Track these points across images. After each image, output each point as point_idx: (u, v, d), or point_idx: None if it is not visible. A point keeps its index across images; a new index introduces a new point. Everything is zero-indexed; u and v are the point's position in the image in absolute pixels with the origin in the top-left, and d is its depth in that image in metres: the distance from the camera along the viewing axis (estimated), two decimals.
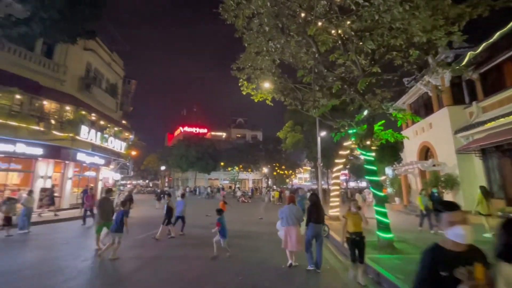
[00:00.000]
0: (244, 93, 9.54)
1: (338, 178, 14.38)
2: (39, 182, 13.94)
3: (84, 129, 15.22)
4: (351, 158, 25.05)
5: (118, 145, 19.60)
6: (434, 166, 13.66)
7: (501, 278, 1.67)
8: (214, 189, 37.48)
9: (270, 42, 7.81)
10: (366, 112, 7.78)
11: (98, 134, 16.79)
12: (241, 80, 9.16)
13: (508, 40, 9.79)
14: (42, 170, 14.16)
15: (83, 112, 15.37)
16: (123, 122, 23.64)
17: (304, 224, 6.07)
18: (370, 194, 12.95)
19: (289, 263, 5.94)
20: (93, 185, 18.60)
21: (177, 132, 61.38)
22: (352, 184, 48.84)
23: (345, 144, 12.71)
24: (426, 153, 15.77)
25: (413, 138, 16.28)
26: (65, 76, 15.25)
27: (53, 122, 13.66)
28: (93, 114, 16.37)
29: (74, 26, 10.10)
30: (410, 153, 17.36)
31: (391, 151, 22.15)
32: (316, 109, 8.96)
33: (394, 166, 19.07)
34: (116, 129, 19.43)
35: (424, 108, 15.83)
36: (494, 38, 10.01)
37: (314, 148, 20.91)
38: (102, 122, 17.55)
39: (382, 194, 7.45)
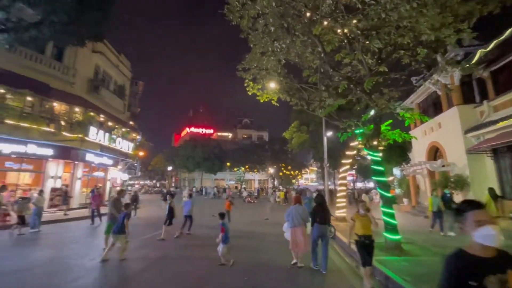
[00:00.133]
0: (249, 93, 9.55)
1: (345, 178, 14.24)
2: (50, 182, 14.28)
3: (92, 130, 15.48)
4: (358, 158, 24.77)
5: (126, 145, 19.85)
6: (444, 166, 13.40)
7: None
8: (221, 189, 37.66)
9: (276, 42, 7.80)
10: (373, 111, 7.69)
11: (106, 135, 17.05)
12: (246, 80, 9.18)
13: None
14: (53, 170, 14.50)
15: (92, 113, 15.64)
16: (131, 123, 23.97)
17: (310, 224, 6.05)
18: (377, 195, 12.78)
19: (293, 262, 5.96)
20: (101, 185, 18.93)
21: (183, 132, 61.89)
22: (359, 184, 48.29)
23: (351, 144, 12.60)
24: (435, 153, 15.48)
25: (421, 138, 16.01)
26: (74, 78, 15.55)
27: (62, 123, 13.93)
28: (101, 115, 16.64)
29: (83, 29, 10.28)
30: (418, 153, 17.07)
31: (399, 151, 21.82)
32: (322, 109, 8.91)
33: (402, 166, 18.79)
34: (124, 130, 19.69)
35: (433, 107, 15.56)
36: (505, 35, 9.78)
37: (321, 148, 20.76)
38: (110, 123, 17.82)
39: (389, 195, 7.34)
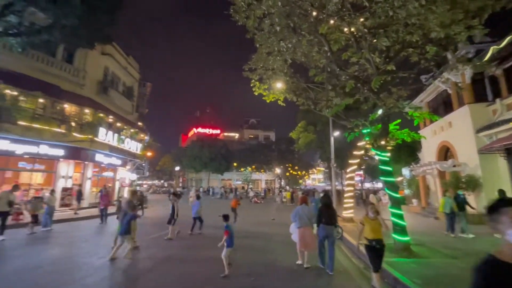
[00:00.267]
0: (256, 93, 9.55)
1: (352, 179, 14.08)
2: (61, 182, 14.61)
3: (102, 131, 15.76)
4: (366, 158, 24.47)
5: (134, 146, 20.14)
6: (455, 166, 13.11)
7: None
8: (228, 189, 37.79)
9: (282, 42, 7.77)
10: (380, 111, 7.56)
11: (115, 135, 17.33)
12: (253, 80, 9.17)
13: None
14: (64, 171, 14.83)
15: (101, 114, 15.92)
16: (139, 123, 24.28)
17: (316, 225, 6.02)
18: (385, 196, 12.57)
19: (298, 262, 5.98)
20: (111, 185, 19.27)
21: (190, 133, 62.42)
22: (367, 185, 47.69)
23: (359, 144, 12.44)
24: (445, 153, 15.15)
25: (431, 138, 15.69)
26: (84, 80, 15.87)
27: (73, 124, 14.24)
28: (110, 116, 16.92)
29: (92, 32, 10.50)
30: (428, 153, 16.74)
31: (408, 151, 21.45)
32: (329, 108, 8.84)
33: (412, 166, 18.45)
34: (132, 130, 19.99)
35: (443, 106, 15.23)
36: None
37: (328, 148, 20.60)
38: (119, 124, 18.12)
39: (397, 195, 7.20)
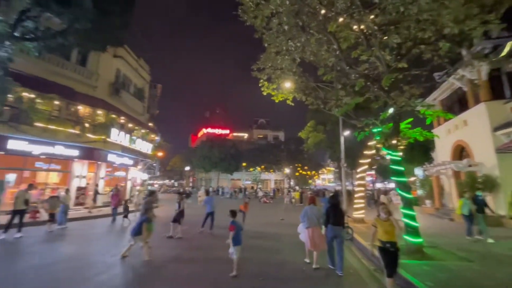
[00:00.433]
0: (264, 93, 9.54)
1: (363, 179, 13.86)
2: (75, 181, 15.06)
3: (114, 131, 16.12)
4: (378, 158, 23.97)
5: (145, 146, 20.51)
6: (470, 166, 12.67)
7: None
8: (237, 189, 37.96)
9: (290, 41, 7.74)
10: (391, 109, 7.41)
11: (127, 136, 17.69)
12: (261, 80, 9.17)
13: None
14: (78, 170, 15.28)
15: (113, 115, 16.28)
16: (150, 124, 24.69)
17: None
18: (397, 196, 12.26)
19: (306, 260, 6.04)
20: (123, 184, 19.70)
21: (200, 133, 63.04)
22: (379, 185, 46.76)
23: (369, 143, 12.23)
24: (460, 152, 14.68)
25: (445, 137, 15.24)
26: (97, 82, 16.29)
27: (86, 125, 14.63)
28: (122, 118, 17.29)
29: (104, 35, 10.76)
30: (442, 152, 16.26)
31: (422, 151, 20.89)
32: (338, 108, 8.72)
33: (425, 166, 17.98)
34: (143, 131, 20.36)
35: (458, 104, 14.76)
36: None
37: (337, 148, 20.32)
38: (130, 125, 18.49)
39: (409, 196, 7.02)
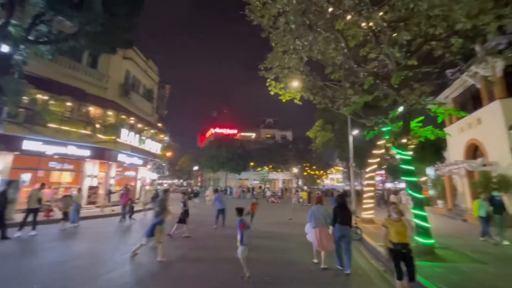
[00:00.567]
0: (272, 93, 9.51)
1: (372, 178, 13.63)
2: (87, 181, 15.42)
3: (124, 132, 16.41)
4: (387, 157, 23.55)
5: (154, 146, 20.79)
6: (485, 166, 12.30)
7: None
8: (245, 189, 38.02)
9: (297, 40, 7.68)
10: (401, 108, 7.26)
11: (137, 136, 17.98)
12: (269, 80, 9.14)
13: None
14: (90, 170, 15.64)
15: (123, 116, 16.57)
16: (159, 124, 25.02)
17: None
18: (407, 196, 12.02)
19: (314, 261, 6.01)
20: (133, 183, 20.04)
21: (208, 133, 63.43)
22: (389, 185, 45.96)
23: (378, 143, 12.03)
24: (474, 151, 14.27)
25: (458, 135, 14.85)
26: (107, 83, 16.62)
27: (97, 126, 14.94)
28: (132, 118, 17.59)
29: (114, 38, 10.97)
30: (455, 151, 15.84)
31: (433, 150, 20.37)
32: (347, 106, 8.61)
33: (437, 166, 17.55)
34: (152, 131, 20.64)
35: (471, 101, 14.34)
36: None
37: (346, 147, 20.09)
38: (140, 125, 18.79)
39: (420, 196, 6.87)
